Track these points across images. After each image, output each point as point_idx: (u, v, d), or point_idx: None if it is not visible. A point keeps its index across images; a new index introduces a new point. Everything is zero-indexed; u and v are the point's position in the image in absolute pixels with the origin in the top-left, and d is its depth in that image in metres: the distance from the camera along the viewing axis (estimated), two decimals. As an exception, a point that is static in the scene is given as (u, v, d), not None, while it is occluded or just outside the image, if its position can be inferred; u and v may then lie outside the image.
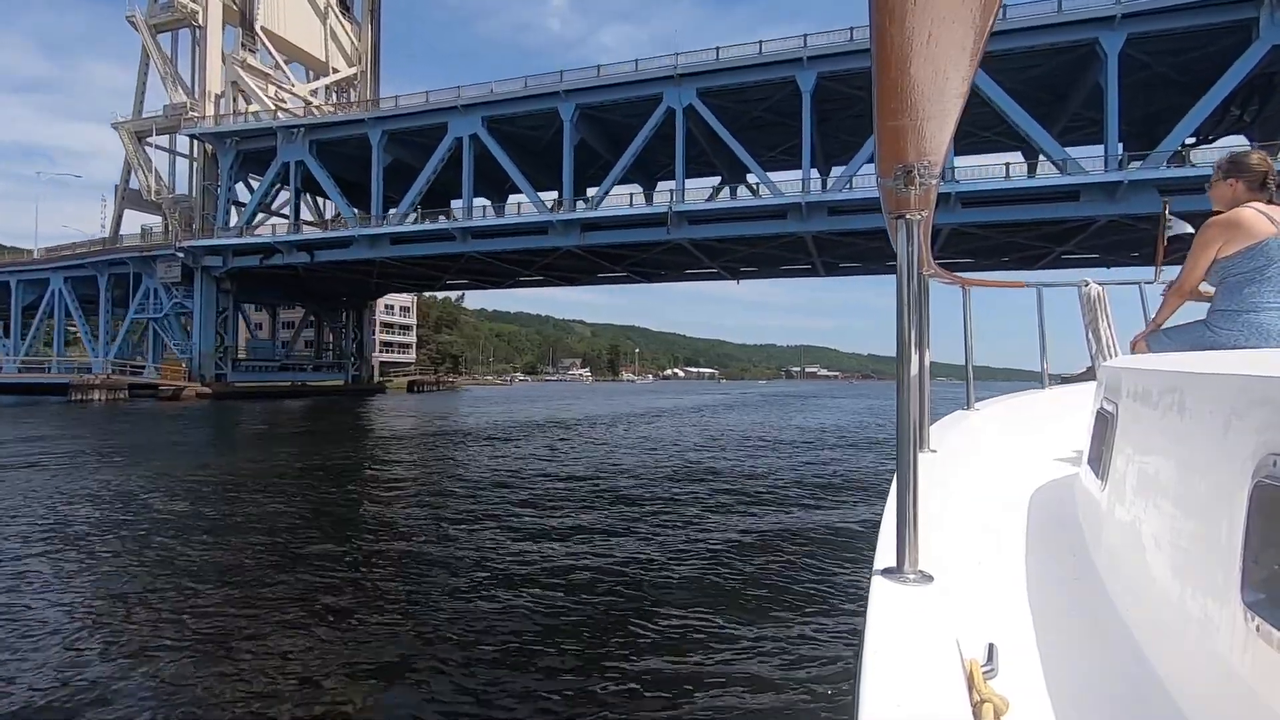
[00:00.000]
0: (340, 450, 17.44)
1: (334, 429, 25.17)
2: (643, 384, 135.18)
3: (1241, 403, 0.76)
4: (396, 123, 40.71)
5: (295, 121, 42.49)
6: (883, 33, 0.70)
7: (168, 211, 46.02)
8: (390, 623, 5.16)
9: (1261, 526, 0.67)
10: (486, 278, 50.06)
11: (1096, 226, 30.99)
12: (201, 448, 18.11)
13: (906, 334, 1.09)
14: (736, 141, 34.28)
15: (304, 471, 13.43)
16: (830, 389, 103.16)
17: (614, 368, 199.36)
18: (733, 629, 4.90)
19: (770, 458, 16.27)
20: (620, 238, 36.69)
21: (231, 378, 46.76)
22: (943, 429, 2.66)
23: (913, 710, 0.69)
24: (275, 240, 42.10)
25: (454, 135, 39.21)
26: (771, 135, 40.30)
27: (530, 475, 12.86)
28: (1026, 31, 29.55)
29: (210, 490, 10.93)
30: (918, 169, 1.01)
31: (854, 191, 31.96)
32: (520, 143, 41.30)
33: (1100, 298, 3.90)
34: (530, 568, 6.67)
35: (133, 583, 6.08)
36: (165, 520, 8.71)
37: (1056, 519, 1.60)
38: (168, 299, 45.22)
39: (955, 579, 1.07)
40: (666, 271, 47.32)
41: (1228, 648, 0.70)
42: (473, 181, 39.35)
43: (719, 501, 10.25)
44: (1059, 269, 42.65)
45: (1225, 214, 2.04)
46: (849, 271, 45.78)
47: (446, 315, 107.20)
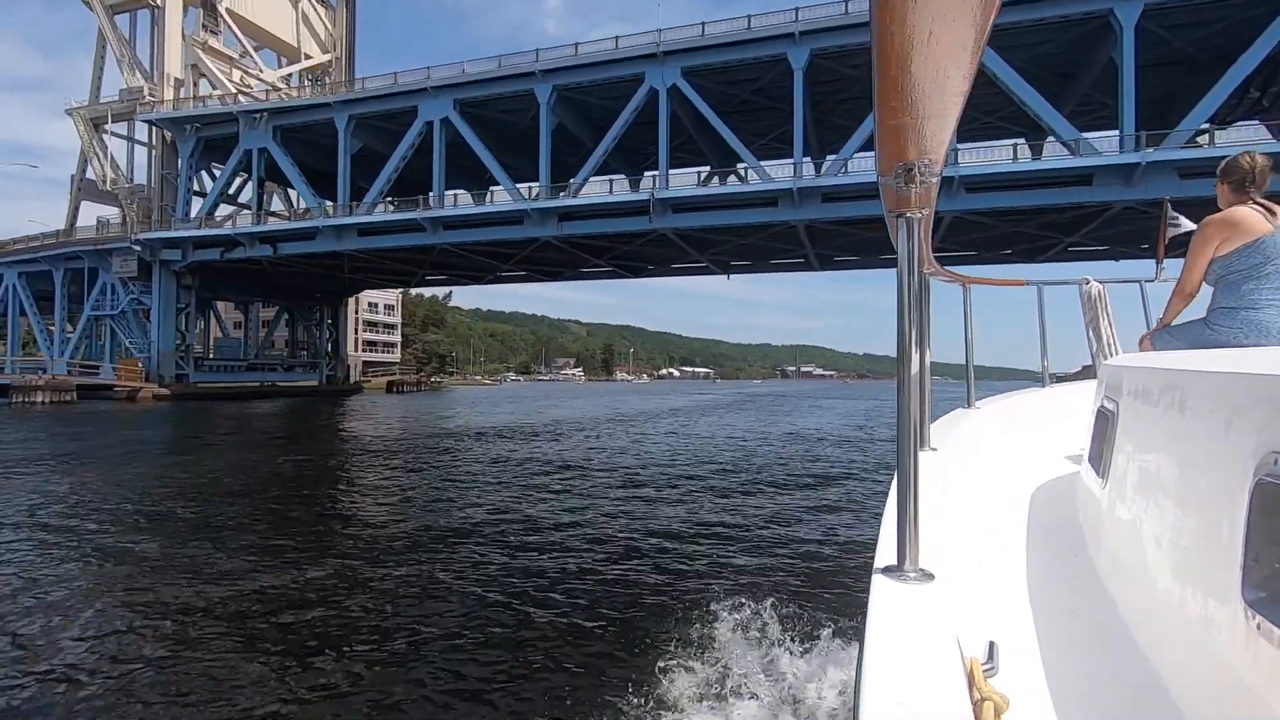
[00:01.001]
0: (273, 458, 15.69)
1: (287, 433, 22.97)
2: (636, 384, 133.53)
3: (1242, 401, 0.77)
4: (364, 106, 38.29)
5: (257, 106, 40.01)
6: (884, 31, 0.71)
7: (124, 202, 43.48)
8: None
9: (1262, 524, 0.67)
10: (465, 272, 47.67)
11: (1110, 214, 28.78)
12: (130, 455, 15.95)
13: (907, 333, 1.09)
14: (725, 125, 31.99)
15: (222, 481, 12.14)
16: (824, 389, 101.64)
17: (608, 367, 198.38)
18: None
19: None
20: (600, 228, 34.34)
21: (194, 378, 44.31)
22: (943, 428, 2.68)
23: (913, 708, 0.69)
24: (236, 232, 39.62)
25: (424, 119, 36.83)
26: (762, 121, 38.02)
27: (473, 483, 12.16)
28: (1034, 3, 27.29)
29: (108, 506, 9.69)
30: (918, 167, 1.01)
31: (849, 176, 29.69)
32: (496, 129, 38.92)
33: (1101, 296, 3.76)
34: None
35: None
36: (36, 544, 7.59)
37: (1057, 517, 1.61)
38: (125, 294, 42.67)
39: (956, 577, 1.06)
40: (653, 266, 45.01)
41: (1228, 645, 0.70)
42: (444, 169, 36.95)
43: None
44: (1065, 262, 40.54)
45: (1222, 212, 2.03)
46: (844, 265, 43.56)
47: (433, 314, 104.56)
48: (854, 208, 30.01)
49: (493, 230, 36.15)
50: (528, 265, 44.15)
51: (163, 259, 41.54)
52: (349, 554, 7.27)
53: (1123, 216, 28.96)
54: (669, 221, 33.04)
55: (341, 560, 6.98)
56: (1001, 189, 28.61)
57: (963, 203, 28.88)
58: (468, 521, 8.97)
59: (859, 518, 9.24)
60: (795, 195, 30.49)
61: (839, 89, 34.48)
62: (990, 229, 34.01)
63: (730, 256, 41.76)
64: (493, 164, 35.08)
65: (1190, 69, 29.80)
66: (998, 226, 33.29)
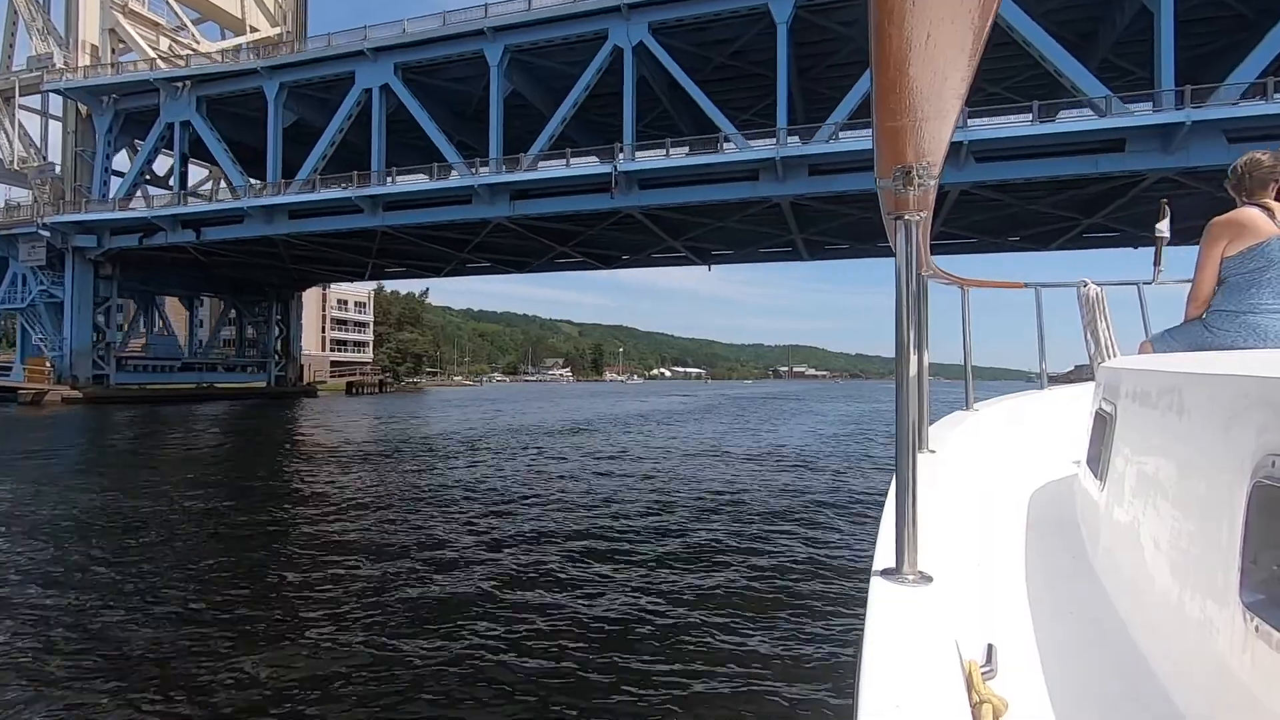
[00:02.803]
0: (158, 477, 12.43)
1: (186, 447, 18.62)
2: (623, 385, 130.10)
3: (1240, 403, 0.77)
4: (295, 73, 34.02)
5: (178, 73, 35.64)
6: (882, 33, 0.71)
7: (34, 183, 39.01)
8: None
9: (1260, 527, 0.67)
10: (421, 262, 43.40)
11: (1142, 187, 24.85)
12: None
13: (905, 334, 1.07)
14: (699, 91, 27.91)
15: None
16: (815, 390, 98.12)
17: (597, 368, 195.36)
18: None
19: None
20: (557, 207, 30.16)
21: (117, 379, 39.90)
22: (942, 429, 2.66)
23: (912, 711, 0.69)
24: (153, 215, 35.21)
25: (361, 86, 32.61)
26: (741, 92, 33.99)
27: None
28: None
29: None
30: (916, 169, 1.00)
31: (840, 143, 25.62)
32: (446, 101, 34.76)
33: (1099, 298, 3.71)
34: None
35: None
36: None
37: (1055, 519, 1.61)
38: (35, 285, 38.24)
39: (954, 579, 1.05)
40: (626, 255, 40.83)
41: (1227, 648, 0.70)
42: (385, 142, 32.73)
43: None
44: (1079, 250, 36.64)
45: (1228, 213, 2.00)
46: (835, 254, 39.54)
47: (409, 312, 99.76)
48: (846, 181, 25.97)
49: (439, 211, 31.91)
50: (488, 254, 39.94)
51: (76, 246, 37.13)
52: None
53: (1156, 190, 24.96)
54: (635, 199, 28.90)
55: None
56: (1017, 157, 24.61)
57: (972, 174, 24.88)
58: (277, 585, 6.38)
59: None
60: (778, 167, 26.40)
61: (828, 51, 30.48)
62: (999, 208, 30.05)
63: (710, 244, 37.70)
64: (437, 135, 30.90)
65: (1229, 26, 25.96)
66: (1009, 205, 29.34)
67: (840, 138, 26.00)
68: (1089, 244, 35.29)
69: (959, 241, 36.08)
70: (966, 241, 35.64)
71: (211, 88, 35.54)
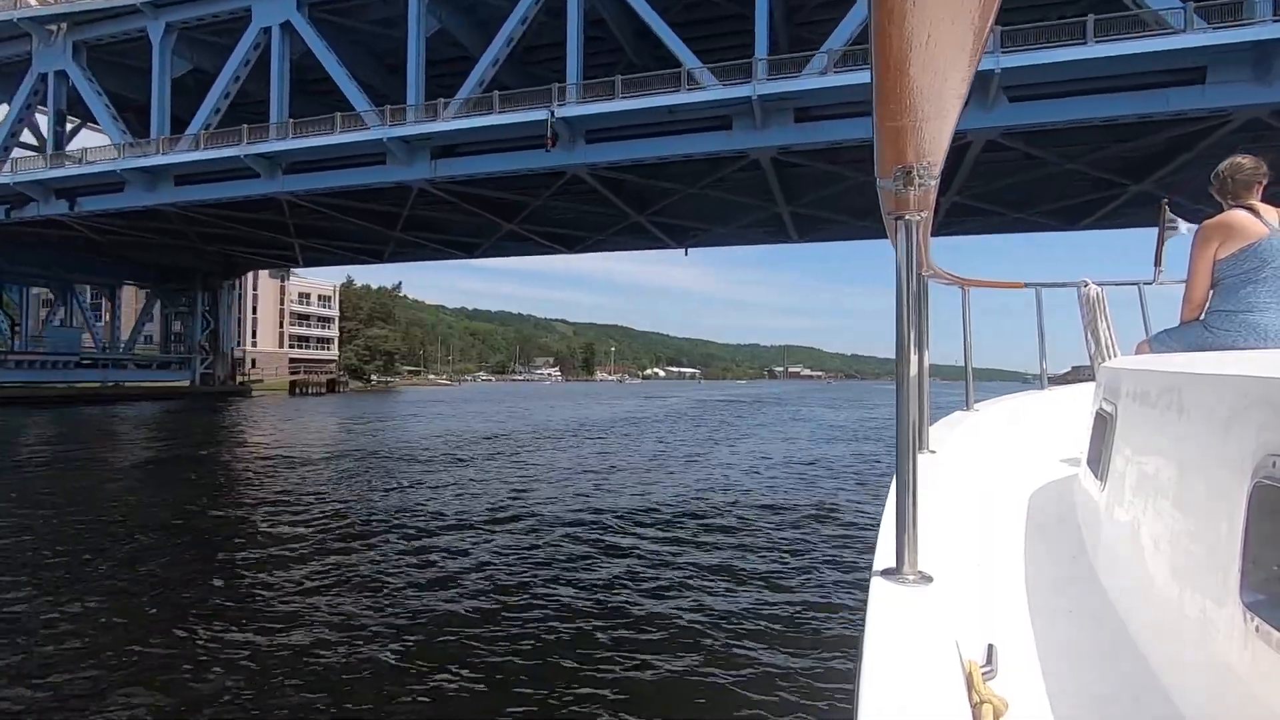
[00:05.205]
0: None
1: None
2: (613, 385, 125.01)
3: (1241, 403, 0.77)
4: (183, 10, 28.36)
5: (49, 11, 29.98)
6: (882, 33, 0.71)
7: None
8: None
9: (1261, 527, 0.67)
10: (351, 244, 37.69)
11: (1223, 134, 19.36)
12: None
13: (906, 335, 1.08)
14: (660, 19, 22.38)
15: None
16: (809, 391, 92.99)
17: (589, 367, 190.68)
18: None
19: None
20: (486, 166, 24.57)
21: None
22: (942, 430, 2.64)
23: (912, 711, 0.69)
24: (15, 180, 29.51)
25: (259, 25, 27.01)
26: (716, 35, 28.35)
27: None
28: None
29: None
30: (917, 170, 1.00)
31: (834, 77, 20.06)
32: (365, 44, 29.19)
33: (1100, 299, 3.62)
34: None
35: None
36: None
37: (1056, 520, 1.60)
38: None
39: (955, 580, 1.05)
40: (586, 234, 35.20)
41: (1227, 648, 0.70)
42: (287, 91, 27.13)
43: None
44: (1111, 228, 31.11)
45: (1217, 216, 2.01)
46: (830, 233, 34.05)
47: (380, 307, 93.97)
48: (840, 129, 20.47)
49: (348, 174, 26.32)
50: (425, 233, 34.33)
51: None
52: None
53: (1235, 139, 19.41)
54: (581, 155, 23.34)
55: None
56: (1062, 95, 19.09)
57: (1003, 115, 19.35)
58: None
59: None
60: (756, 111, 20.86)
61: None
62: (1029, 169, 24.53)
63: (683, 220, 32.12)
64: (342, 77, 25.31)
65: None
66: (1041, 164, 23.84)
67: (834, 72, 20.41)
68: (1127, 222, 29.70)
69: (970, 221, 30.58)
70: (985, 217, 30.14)
71: (90, 30, 29.87)
